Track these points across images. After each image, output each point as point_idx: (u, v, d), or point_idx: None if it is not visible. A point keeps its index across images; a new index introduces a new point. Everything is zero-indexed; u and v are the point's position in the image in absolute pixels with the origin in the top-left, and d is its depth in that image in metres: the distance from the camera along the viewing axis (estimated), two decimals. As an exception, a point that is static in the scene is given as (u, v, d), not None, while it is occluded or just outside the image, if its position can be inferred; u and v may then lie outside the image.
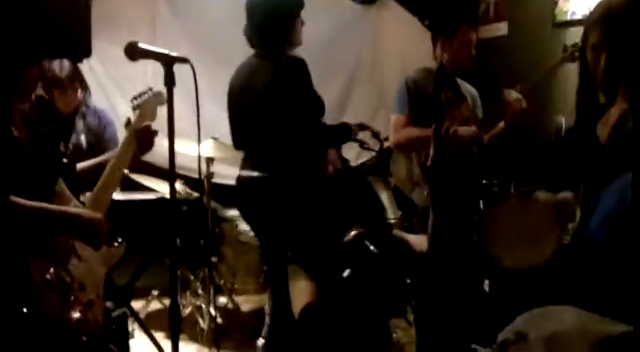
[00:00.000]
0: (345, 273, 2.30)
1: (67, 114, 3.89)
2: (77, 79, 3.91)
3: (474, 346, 3.71)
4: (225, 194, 4.84)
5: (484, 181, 4.14)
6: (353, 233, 2.35)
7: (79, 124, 3.95)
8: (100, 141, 3.95)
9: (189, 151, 3.78)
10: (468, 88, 4.09)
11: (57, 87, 3.80)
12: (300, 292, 2.41)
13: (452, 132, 3.10)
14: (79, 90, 3.92)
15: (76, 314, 2.18)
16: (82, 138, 3.91)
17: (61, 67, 3.78)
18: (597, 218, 1.93)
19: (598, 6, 2.17)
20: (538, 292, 3.09)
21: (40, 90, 3.82)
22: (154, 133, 2.54)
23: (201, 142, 2.46)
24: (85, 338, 2.18)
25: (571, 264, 2.02)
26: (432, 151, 2.27)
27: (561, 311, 0.87)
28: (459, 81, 4.03)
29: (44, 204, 2.12)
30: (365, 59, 5.74)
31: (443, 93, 3.28)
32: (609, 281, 1.78)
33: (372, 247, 2.31)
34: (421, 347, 3.71)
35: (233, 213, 4.52)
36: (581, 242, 1.99)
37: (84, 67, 4.36)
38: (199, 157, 2.50)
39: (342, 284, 2.29)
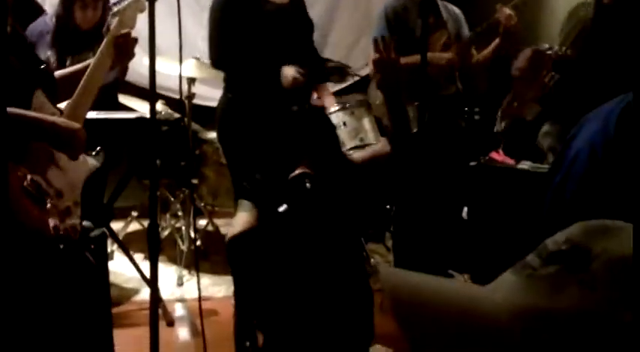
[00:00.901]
0: (281, 208, 2.34)
1: (86, 32, 3.77)
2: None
3: (450, 271, 3.78)
4: (207, 115, 4.81)
5: (465, 109, 4.15)
6: (297, 171, 2.37)
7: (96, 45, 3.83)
8: None
9: (170, 71, 3.71)
10: (450, 10, 4.03)
11: (79, 3, 3.68)
12: (236, 222, 2.46)
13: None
14: (101, 10, 3.78)
15: (53, 221, 2.18)
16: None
17: None
18: (580, 144, 1.92)
19: None
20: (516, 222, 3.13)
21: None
22: (134, 41, 2.46)
23: (183, 61, 2.41)
24: (61, 246, 2.18)
25: (552, 192, 2.03)
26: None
27: (627, 230, 0.74)
28: (441, 3, 3.98)
29: (21, 110, 2.09)
30: (335, 16, 5.63)
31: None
32: (591, 215, 1.79)
33: (307, 185, 2.34)
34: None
35: (214, 134, 4.49)
36: (562, 170, 1.99)
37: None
38: (180, 77, 2.45)
39: (278, 218, 2.33)
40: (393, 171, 2.61)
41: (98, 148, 2.44)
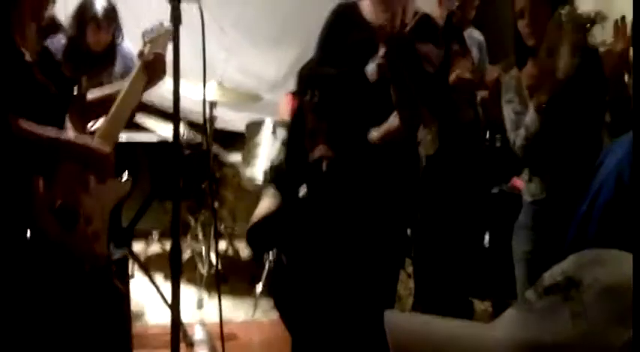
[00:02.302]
0: (301, 193, 2.36)
1: (98, 53, 3.83)
2: (113, 19, 3.83)
3: (472, 298, 3.74)
4: (228, 138, 4.83)
5: (487, 135, 4.11)
6: (316, 154, 2.38)
7: (116, 66, 3.89)
8: None
9: (192, 94, 3.74)
10: (474, 37, 4.02)
11: (92, 24, 3.74)
12: (259, 210, 2.49)
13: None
14: (113, 31, 3.84)
15: (82, 245, 2.20)
16: (112, 79, 3.86)
17: (98, 4, 3.73)
18: (606, 171, 1.90)
19: None
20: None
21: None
22: (165, 64, 2.48)
23: (205, 85, 2.42)
24: (87, 268, 2.20)
25: (577, 225, 2.00)
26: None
27: (619, 259, 0.78)
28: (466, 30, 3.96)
29: (53, 131, 2.12)
30: None
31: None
32: (617, 239, 1.76)
33: (324, 167, 2.36)
34: (419, 299, 3.73)
35: (235, 157, 4.50)
36: (587, 199, 1.97)
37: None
38: (204, 100, 2.47)
39: (299, 202, 2.35)
40: (412, 194, 2.62)
41: (126, 174, 2.45)
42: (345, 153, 2.47)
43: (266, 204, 2.49)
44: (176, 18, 2.09)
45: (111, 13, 3.81)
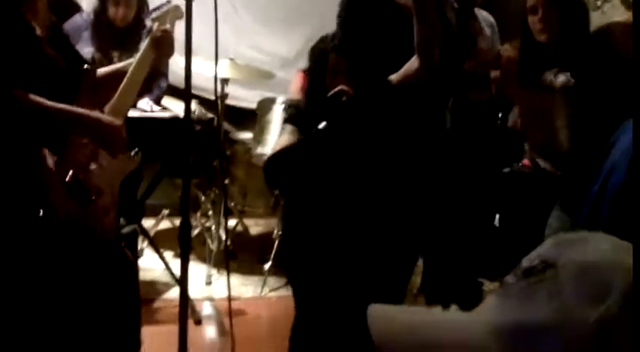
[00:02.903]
0: (321, 125, 2.38)
1: (123, 29, 3.82)
2: None
3: (480, 280, 3.74)
4: (239, 116, 4.83)
5: (499, 115, 4.09)
6: (337, 88, 2.41)
7: (135, 45, 3.88)
8: None
9: (204, 71, 3.74)
10: (485, 18, 3.99)
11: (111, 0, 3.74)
12: (277, 144, 2.52)
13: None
14: (135, 8, 3.83)
15: (93, 218, 2.22)
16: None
17: None
18: (619, 151, 1.89)
19: None
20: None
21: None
22: (172, 38, 2.52)
23: (217, 62, 2.42)
24: (98, 238, 2.23)
25: (590, 203, 2.00)
26: None
27: (594, 238, 0.80)
28: (478, 11, 3.93)
29: (65, 105, 2.13)
30: None
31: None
32: (630, 221, 1.75)
33: (344, 98, 2.38)
34: (427, 278, 3.74)
35: (246, 135, 4.50)
36: (600, 178, 1.95)
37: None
38: (216, 77, 2.47)
39: (318, 135, 2.38)
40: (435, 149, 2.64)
41: (136, 149, 2.47)
42: (366, 92, 2.48)
43: (285, 138, 2.50)
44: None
45: None
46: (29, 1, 2.12)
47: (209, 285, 4.07)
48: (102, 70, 2.56)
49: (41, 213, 2.07)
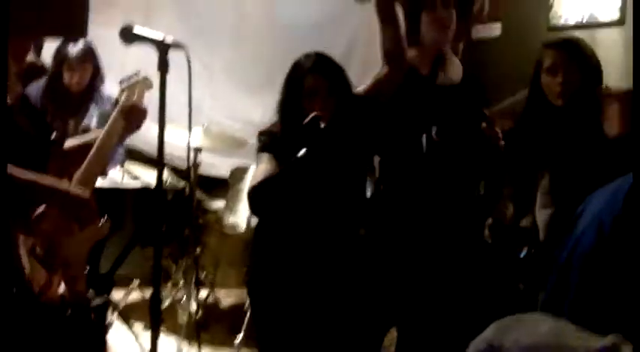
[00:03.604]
0: (301, 153, 2.41)
1: (77, 95, 3.83)
2: (89, 61, 3.85)
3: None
4: (212, 184, 4.80)
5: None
6: (311, 115, 2.44)
7: (91, 110, 3.89)
8: None
9: (177, 139, 3.73)
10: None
11: (65, 66, 3.76)
12: (256, 174, 2.53)
13: None
14: (90, 73, 3.86)
15: (62, 290, 2.20)
16: (94, 122, 3.85)
17: (74, 46, 3.74)
18: (587, 220, 1.90)
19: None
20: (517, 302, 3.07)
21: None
22: (143, 111, 2.52)
23: (191, 130, 2.42)
24: (69, 312, 2.20)
25: (558, 270, 1.99)
26: None
27: (537, 320, 0.81)
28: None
29: (35, 175, 2.12)
30: (354, 52, 5.67)
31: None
32: (599, 290, 1.75)
33: (322, 125, 2.42)
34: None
35: (219, 204, 4.47)
36: (568, 246, 1.96)
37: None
38: (189, 146, 2.46)
39: (298, 163, 2.41)
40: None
41: (104, 218, 2.44)
42: (344, 112, 2.53)
43: (263, 167, 2.51)
44: (163, 65, 2.10)
45: (86, 53, 3.84)
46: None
47: (180, 358, 3.97)
48: (70, 141, 2.56)
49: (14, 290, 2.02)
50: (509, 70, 4.60)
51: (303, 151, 2.40)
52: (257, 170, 2.55)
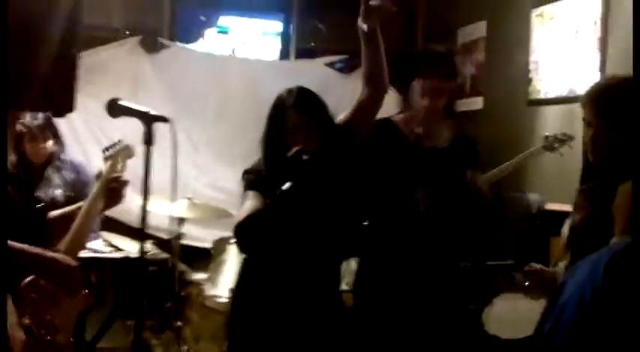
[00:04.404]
0: (285, 186, 2.43)
1: (39, 165, 3.84)
2: (49, 130, 3.88)
3: None
4: (194, 256, 4.76)
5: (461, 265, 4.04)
6: (294, 149, 2.47)
7: (54, 178, 3.90)
8: (80, 195, 3.88)
9: (160, 210, 3.72)
10: None
11: (27, 136, 3.78)
12: (242, 210, 2.51)
13: None
14: (51, 142, 3.88)
15: None
16: (59, 192, 3.85)
17: (32, 116, 3.77)
18: (570, 290, 1.91)
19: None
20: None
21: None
22: (125, 184, 2.55)
23: (175, 201, 2.43)
24: None
25: (542, 338, 1.99)
26: None
27: None
28: None
29: (23, 245, 2.13)
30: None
31: None
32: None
33: (305, 157, 2.45)
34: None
35: (201, 275, 4.43)
36: (554, 314, 1.96)
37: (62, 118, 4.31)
38: (171, 218, 2.47)
39: (283, 196, 2.43)
40: None
41: (87, 288, 2.44)
42: (327, 144, 2.57)
43: (249, 203, 2.50)
44: (148, 138, 2.12)
45: (45, 123, 3.86)
46: None
47: None
48: (52, 213, 2.57)
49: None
50: (491, 140, 4.67)
51: (287, 185, 2.41)
52: (243, 207, 2.56)
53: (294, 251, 2.58)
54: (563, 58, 4.20)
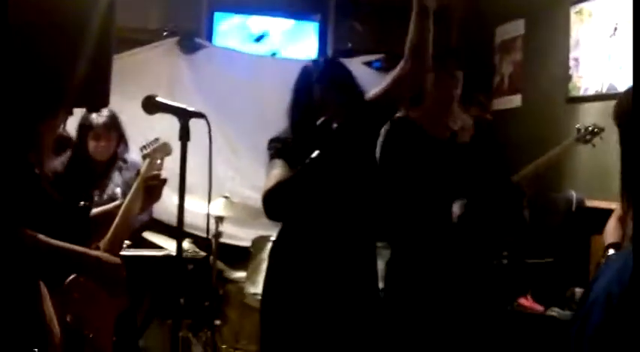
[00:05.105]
0: (314, 154, 2.41)
1: (103, 163, 3.89)
2: (114, 129, 3.91)
3: None
4: (234, 254, 4.80)
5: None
6: (323, 117, 2.46)
7: (116, 177, 3.93)
8: None
9: (198, 209, 3.76)
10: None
11: (91, 135, 3.82)
12: (270, 179, 2.54)
13: None
14: (115, 142, 3.92)
15: None
16: (118, 190, 3.88)
17: (98, 116, 3.81)
18: (601, 285, 1.89)
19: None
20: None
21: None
22: (163, 182, 2.55)
23: (212, 200, 2.45)
24: None
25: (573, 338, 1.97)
26: None
27: None
28: None
29: (66, 244, 2.10)
30: None
31: None
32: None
33: (334, 125, 2.43)
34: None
35: (240, 274, 4.46)
36: (580, 319, 1.94)
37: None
38: (208, 216, 2.48)
39: (312, 164, 2.41)
40: None
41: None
42: (355, 114, 2.54)
43: (276, 172, 2.50)
44: (184, 133, 2.13)
45: (110, 122, 3.88)
46: (36, 147, 2.15)
47: None
48: (93, 211, 2.59)
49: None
50: (530, 138, 4.63)
51: (316, 153, 2.41)
52: (270, 175, 2.55)
53: (324, 222, 2.56)
54: (602, 54, 4.15)
